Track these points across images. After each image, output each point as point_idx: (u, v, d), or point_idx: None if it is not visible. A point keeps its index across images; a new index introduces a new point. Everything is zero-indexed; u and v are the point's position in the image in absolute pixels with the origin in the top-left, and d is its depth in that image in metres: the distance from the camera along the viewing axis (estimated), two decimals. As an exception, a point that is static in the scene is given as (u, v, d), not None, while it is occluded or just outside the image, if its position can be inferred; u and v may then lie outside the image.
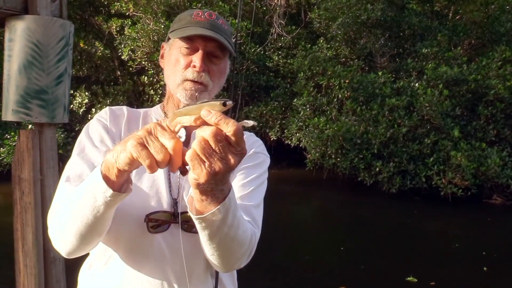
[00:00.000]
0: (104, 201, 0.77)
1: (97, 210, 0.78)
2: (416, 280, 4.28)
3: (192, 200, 0.79)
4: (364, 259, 5.03)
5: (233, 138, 0.64)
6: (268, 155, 1.14)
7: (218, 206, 0.76)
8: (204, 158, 0.65)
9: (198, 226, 0.81)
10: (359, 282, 4.37)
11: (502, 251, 5.34)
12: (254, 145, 1.12)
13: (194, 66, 0.99)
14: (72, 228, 0.84)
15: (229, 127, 0.63)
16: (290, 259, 4.99)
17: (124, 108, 1.11)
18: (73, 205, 0.83)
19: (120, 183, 0.76)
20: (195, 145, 0.64)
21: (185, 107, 0.70)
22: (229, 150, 0.65)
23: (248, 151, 1.09)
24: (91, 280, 1.01)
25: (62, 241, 0.88)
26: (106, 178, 0.75)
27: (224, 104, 0.66)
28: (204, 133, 0.64)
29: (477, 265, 4.80)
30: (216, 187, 0.72)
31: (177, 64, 1.02)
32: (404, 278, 4.34)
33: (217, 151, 0.64)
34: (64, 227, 0.86)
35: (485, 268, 4.69)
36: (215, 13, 1.05)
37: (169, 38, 1.07)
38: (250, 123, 0.67)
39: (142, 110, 1.13)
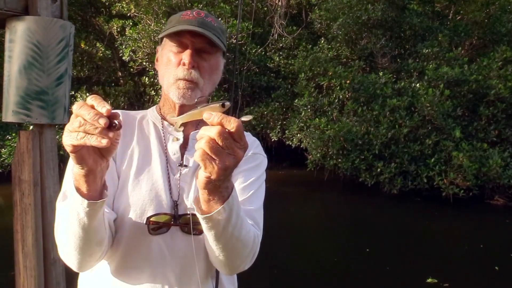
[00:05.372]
0: (84, 212, 0.78)
1: (83, 222, 0.80)
2: (436, 281, 4.24)
3: (197, 201, 0.81)
4: (368, 261, 5.02)
5: (236, 133, 0.69)
6: (266, 156, 1.14)
7: (223, 205, 0.78)
8: (214, 156, 0.69)
9: (204, 226, 0.83)
10: (362, 285, 4.35)
11: (512, 251, 5.34)
12: (252, 146, 1.11)
13: (184, 64, 0.99)
14: (70, 243, 0.86)
15: (231, 124, 0.68)
16: (290, 260, 4.97)
17: (119, 112, 1.10)
18: (63, 223, 0.86)
19: (95, 190, 0.78)
20: (203, 145, 0.68)
21: (188, 113, 0.77)
22: (234, 145, 0.69)
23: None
24: (92, 282, 1.01)
25: (68, 257, 0.90)
26: (79, 190, 0.77)
27: (223, 105, 0.72)
28: (210, 133, 0.68)
29: (488, 265, 4.79)
30: (223, 184, 0.76)
31: (169, 63, 1.03)
32: (423, 280, 4.27)
33: (225, 147, 0.68)
34: (64, 244, 0.89)
35: (496, 268, 4.69)
36: (204, 12, 1.05)
37: (161, 40, 1.08)
38: (248, 117, 0.76)
39: (138, 114, 1.13)
